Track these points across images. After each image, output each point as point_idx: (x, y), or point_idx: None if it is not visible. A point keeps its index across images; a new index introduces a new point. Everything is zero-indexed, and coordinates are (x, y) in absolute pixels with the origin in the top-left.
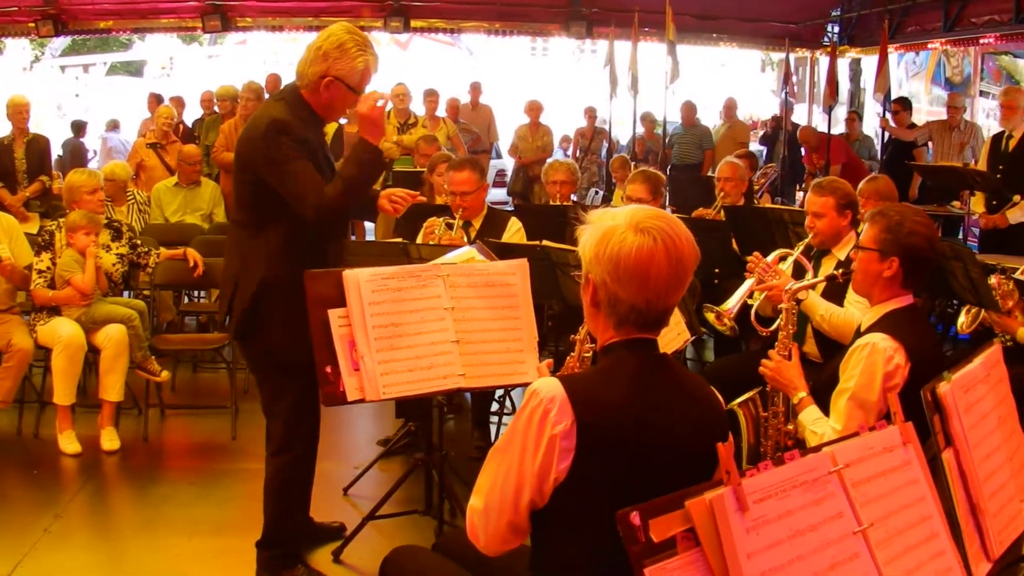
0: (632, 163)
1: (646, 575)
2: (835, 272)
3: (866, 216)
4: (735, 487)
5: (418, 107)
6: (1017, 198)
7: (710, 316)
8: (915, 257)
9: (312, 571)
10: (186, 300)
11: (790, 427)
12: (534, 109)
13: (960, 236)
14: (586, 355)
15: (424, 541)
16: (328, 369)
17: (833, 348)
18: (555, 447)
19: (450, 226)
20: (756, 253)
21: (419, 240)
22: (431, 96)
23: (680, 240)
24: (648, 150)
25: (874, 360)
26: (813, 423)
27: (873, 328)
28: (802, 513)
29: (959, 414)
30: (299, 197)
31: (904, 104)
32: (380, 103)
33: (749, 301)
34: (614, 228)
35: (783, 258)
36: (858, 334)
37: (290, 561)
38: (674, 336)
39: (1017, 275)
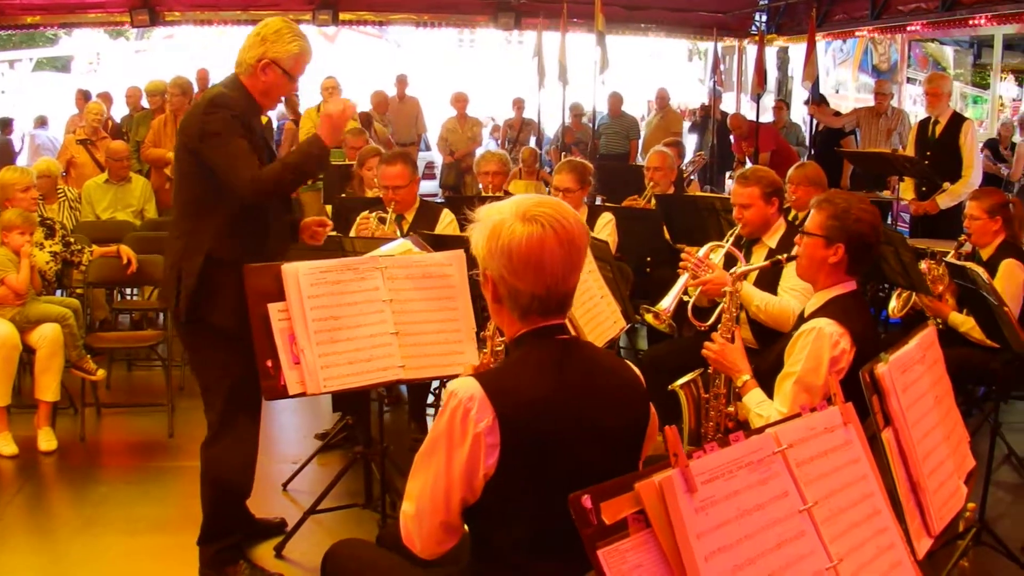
0: (561, 153)
1: (599, 557)
2: (780, 256)
3: (812, 202)
4: (683, 469)
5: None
6: (946, 184)
7: (648, 316)
8: (861, 244)
9: (254, 567)
10: (119, 298)
11: (731, 409)
12: (460, 101)
13: (889, 222)
14: (498, 349)
15: (365, 534)
16: (269, 363)
17: (767, 334)
18: (480, 445)
19: (383, 220)
20: (688, 249)
21: (352, 235)
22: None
23: (568, 222)
24: (577, 140)
25: (820, 345)
26: (758, 406)
27: (818, 313)
28: (749, 493)
29: (897, 394)
30: (233, 172)
31: (821, 100)
32: (350, 112)
33: (684, 297)
34: (502, 221)
35: (714, 250)
36: (801, 319)
37: (232, 557)
38: (610, 325)
39: (948, 259)
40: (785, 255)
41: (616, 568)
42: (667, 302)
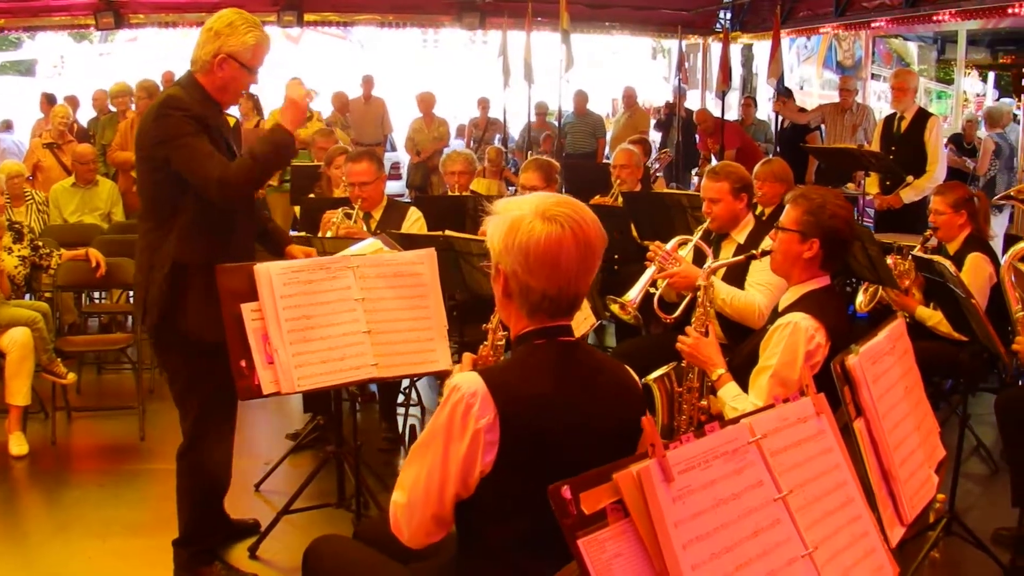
0: (527, 151)
1: (579, 546)
2: (753, 252)
3: (787, 198)
4: (660, 459)
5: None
6: (910, 178)
7: (614, 307)
8: (835, 239)
9: (229, 568)
10: (88, 301)
11: (704, 403)
12: (425, 101)
13: (855, 217)
14: (499, 343)
15: (338, 533)
16: (243, 363)
17: (736, 329)
18: (479, 441)
19: (349, 216)
20: (657, 242)
21: (321, 231)
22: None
23: (587, 225)
24: (546, 134)
25: (796, 339)
26: (733, 399)
27: (793, 308)
28: (724, 482)
29: (868, 385)
30: (201, 174)
31: (786, 94)
32: (308, 95)
33: (651, 290)
34: (521, 217)
35: (682, 244)
36: (776, 314)
37: (207, 558)
38: (581, 320)
39: (915, 252)
40: (758, 250)
41: (596, 557)
42: (633, 293)
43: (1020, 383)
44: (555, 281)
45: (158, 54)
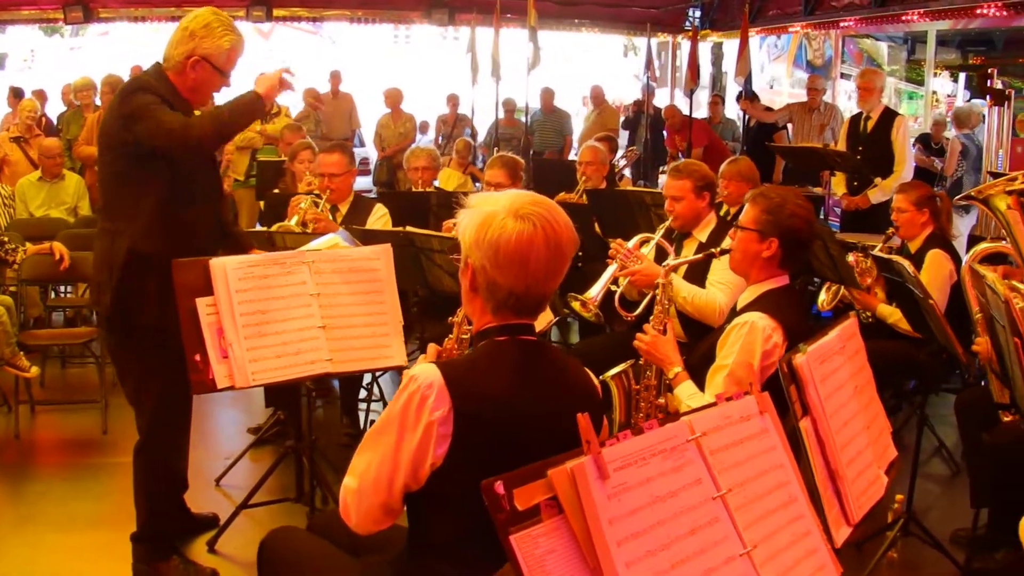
0: (493, 148)
1: (512, 542)
2: (713, 250)
3: (747, 196)
4: (595, 456)
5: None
6: (878, 180)
7: (575, 304)
8: (794, 239)
9: (187, 562)
10: (53, 295)
11: (662, 400)
12: (392, 97)
13: (822, 217)
14: (464, 336)
15: (300, 527)
16: (197, 357)
17: (695, 327)
18: (432, 433)
19: (316, 204)
20: (619, 240)
21: (287, 216)
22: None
23: (559, 227)
24: (511, 136)
25: (753, 338)
26: (689, 398)
27: (751, 307)
28: (662, 480)
29: (815, 384)
30: (165, 127)
31: (751, 95)
32: (287, 78)
33: (613, 287)
34: (494, 214)
35: (644, 242)
36: (734, 313)
37: (165, 552)
38: (539, 317)
39: (875, 252)
40: (718, 249)
41: (528, 553)
42: (595, 291)
43: (983, 384)
44: (522, 279)
45: (129, 48)
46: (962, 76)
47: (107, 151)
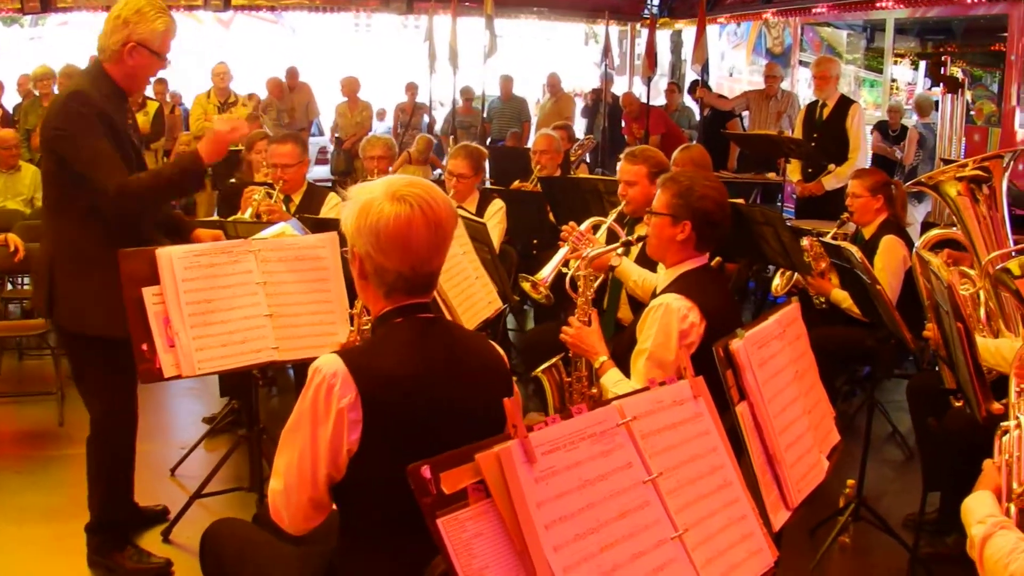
0: (451, 137)
1: (438, 526)
2: (630, 238)
3: (658, 182)
4: (522, 440)
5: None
6: (832, 166)
7: (525, 285)
8: (706, 220)
9: (141, 552)
10: (9, 287)
11: (594, 391)
12: (349, 85)
13: (778, 204)
14: (364, 327)
15: (249, 516)
16: (144, 347)
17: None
18: (343, 420)
19: (269, 195)
20: (571, 223)
21: (241, 209)
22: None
23: (437, 204)
24: (469, 124)
25: (669, 320)
26: (615, 385)
27: (668, 289)
28: (591, 463)
29: (752, 369)
30: (99, 179)
31: (704, 84)
32: (239, 136)
33: (564, 270)
34: (372, 200)
35: (597, 227)
36: (654, 296)
37: (120, 543)
38: (484, 305)
39: (827, 238)
40: (636, 236)
41: (455, 536)
42: (546, 272)
43: (935, 369)
44: (407, 260)
45: (89, 38)
46: (922, 64)
47: (45, 151)
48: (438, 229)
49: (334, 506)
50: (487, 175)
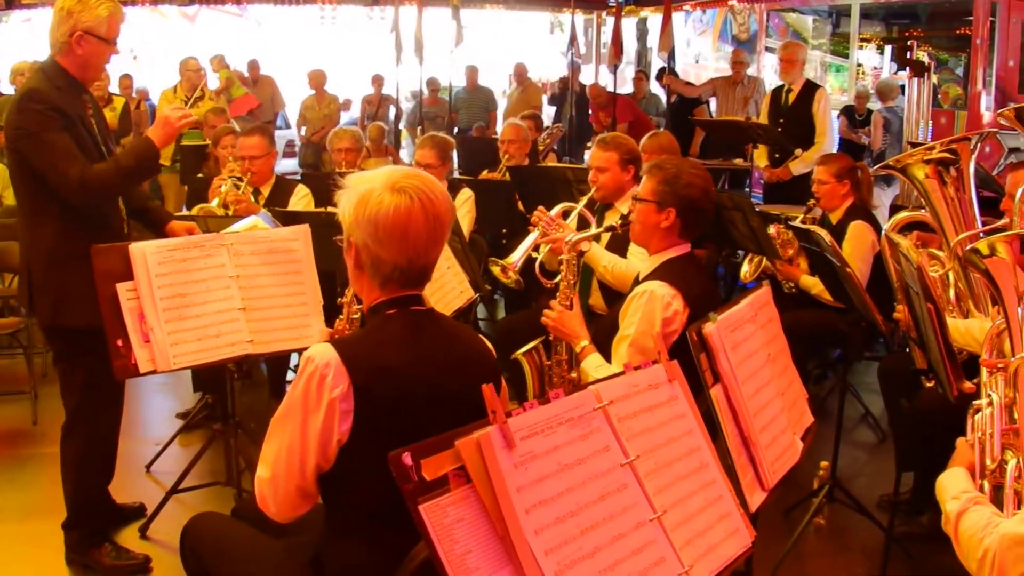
0: (418, 128)
1: (420, 512)
2: (614, 223)
3: (643, 169)
4: (501, 425)
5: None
6: (799, 151)
7: (495, 269)
8: (691, 208)
9: (119, 549)
10: None
11: (574, 375)
12: (316, 78)
13: (746, 189)
14: (354, 316)
15: (226, 511)
16: (119, 342)
17: (616, 298)
18: (335, 410)
19: (237, 186)
20: (540, 207)
21: (208, 199)
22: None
23: (436, 197)
24: (436, 114)
25: (653, 307)
26: (596, 369)
27: (651, 276)
28: (569, 448)
29: (726, 352)
30: (59, 172)
31: (671, 71)
32: (184, 121)
33: (534, 254)
34: (371, 190)
35: (567, 212)
36: (636, 283)
37: (97, 540)
38: (456, 295)
39: (795, 223)
40: (620, 222)
41: (437, 523)
42: (515, 256)
43: (906, 351)
44: (405, 252)
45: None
46: (888, 48)
47: (11, 153)
48: (436, 222)
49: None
50: (455, 165)
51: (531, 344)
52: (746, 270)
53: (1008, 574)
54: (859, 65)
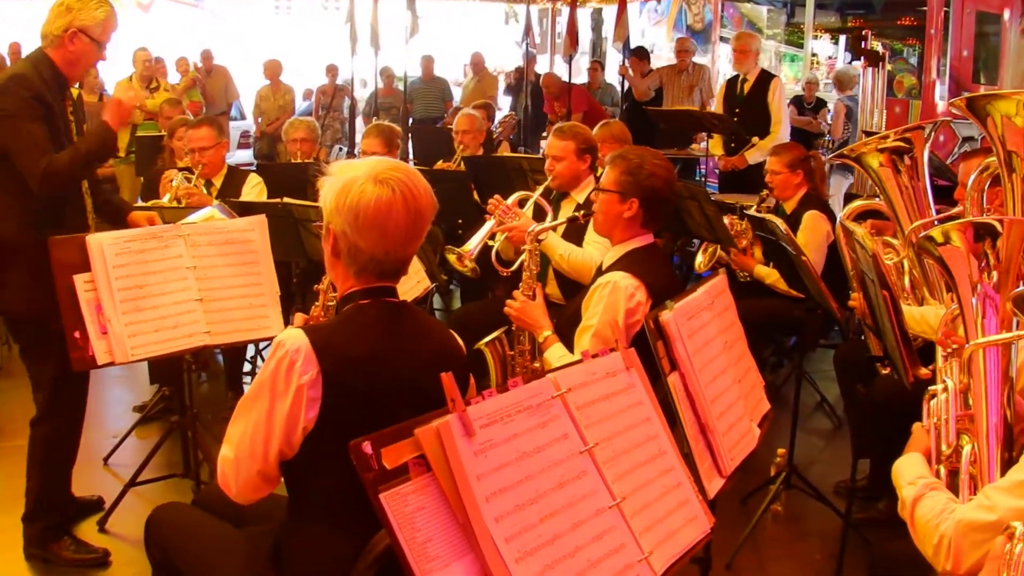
0: (375, 118)
1: (381, 500)
2: (576, 213)
3: (606, 159)
4: (460, 413)
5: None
6: (755, 140)
7: (451, 257)
8: (654, 198)
9: (79, 543)
10: None
11: (536, 365)
12: (271, 68)
13: (701, 179)
14: (330, 304)
15: (183, 502)
16: (77, 334)
17: (575, 289)
18: (302, 397)
19: (188, 179)
20: (497, 196)
21: (160, 195)
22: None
23: (418, 191)
24: (391, 104)
25: (616, 297)
26: (559, 360)
27: (614, 267)
28: (528, 436)
29: (683, 339)
30: (28, 160)
31: (641, 55)
32: (138, 101)
33: (490, 243)
34: (354, 179)
35: (523, 200)
36: (599, 273)
37: (57, 534)
38: (413, 284)
39: (750, 212)
40: (582, 212)
41: (398, 511)
42: (471, 244)
43: (862, 338)
44: (383, 243)
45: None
46: (842, 39)
47: None
48: (417, 216)
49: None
50: (411, 156)
51: (494, 334)
52: (701, 259)
53: (964, 560)
54: (814, 55)
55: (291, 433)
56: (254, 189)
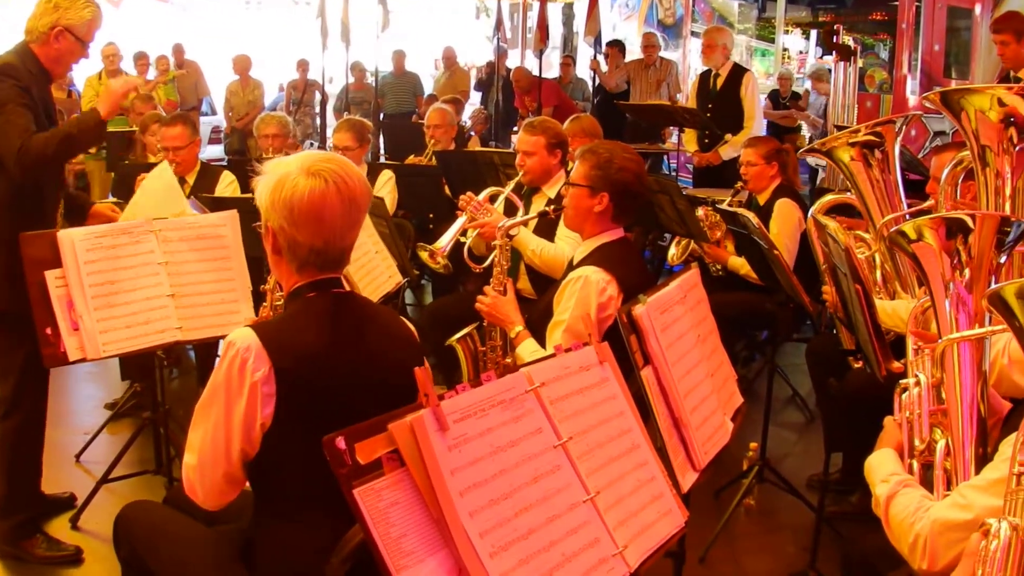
0: (346, 113)
1: (355, 496)
2: (547, 208)
3: (576, 153)
4: (434, 408)
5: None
6: (729, 136)
7: (423, 254)
8: (624, 192)
9: (51, 540)
10: None
11: (508, 360)
12: (240, 63)
13: (672, 173)
14: (278, 303)
15: (157, 499)
16: (48, 330)
17: (546, 284)
18: (257, 394)
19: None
20: (468, 192)
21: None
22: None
23: (352, 180)
24: (362, 99)
25: (587, 292)
26: (531, 355)
27: (585, 261)
28: (502, 430)
29: (655, 333)
30: (7, 142)
31: (619, 47)
32: (131, 86)
33: (462, 239)
34: (287, 174)
35: (494, 196)
36: (571, 267)
37: (29, 531)
38: (385, 279)
39: (723, 206)
40: (552, 207)
41: (372, 506)
42: (443, 241)
43: (834, 332)
44: (320, 234)
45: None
46: (813, 33)
47: None
48: (352, 204)
49: (247, 484)
50: (382, 151)
51: (465, 330)
52: (673, 253)
53: (940, 559)
54: (785, 49)
55: (250, 431)
56: (228, 188)
